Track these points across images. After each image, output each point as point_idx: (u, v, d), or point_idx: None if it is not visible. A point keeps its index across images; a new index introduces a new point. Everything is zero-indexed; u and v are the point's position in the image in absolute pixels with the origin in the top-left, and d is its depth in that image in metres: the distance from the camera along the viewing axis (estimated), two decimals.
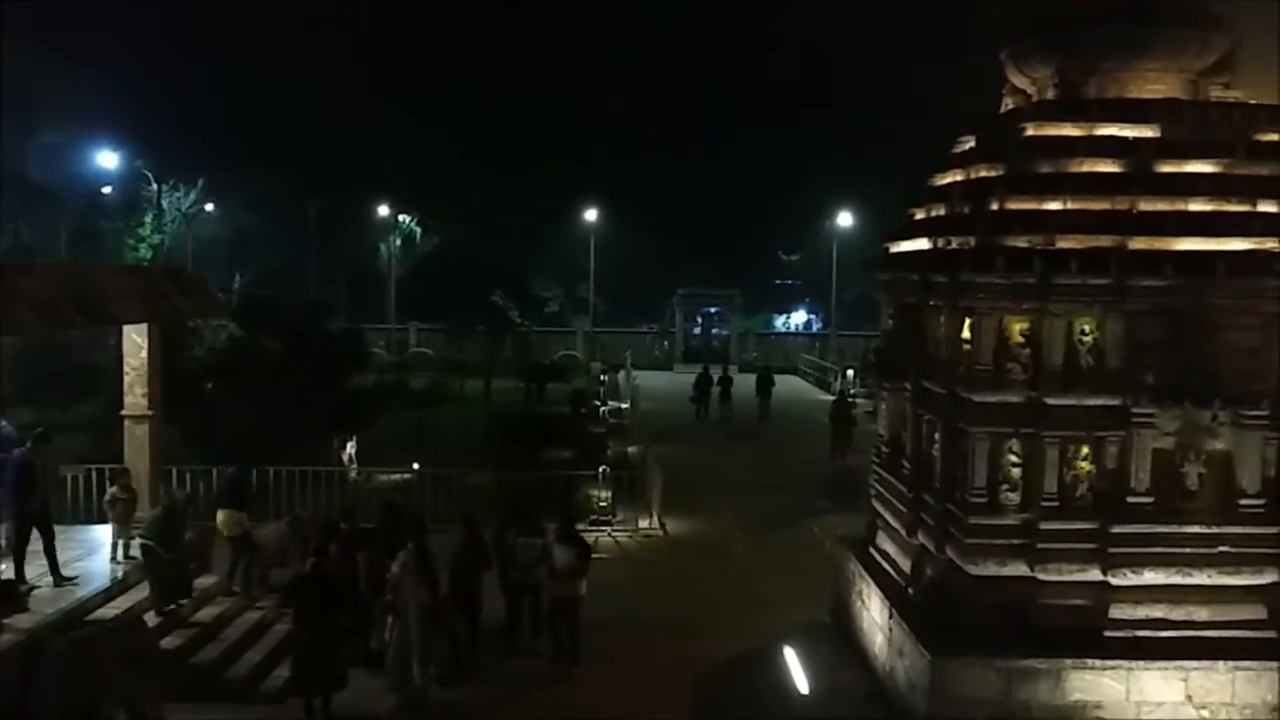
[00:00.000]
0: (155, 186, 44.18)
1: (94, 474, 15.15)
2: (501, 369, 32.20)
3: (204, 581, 12.73)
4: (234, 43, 50.83)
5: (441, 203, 51.14)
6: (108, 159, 42.29)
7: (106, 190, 44.11)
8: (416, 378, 33.42)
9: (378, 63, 54.03)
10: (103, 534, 12.73)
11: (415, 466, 18.54)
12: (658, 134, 58.19)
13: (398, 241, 52.81)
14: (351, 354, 25.11)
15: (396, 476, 19.02)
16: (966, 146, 12.10)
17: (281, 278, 48.18)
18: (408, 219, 53.85)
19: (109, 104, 41.36)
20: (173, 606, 11.72)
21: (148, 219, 43.24)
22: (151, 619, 11.28)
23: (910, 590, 11.33)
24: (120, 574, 11.96)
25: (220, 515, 13.06)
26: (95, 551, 12.53)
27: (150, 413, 13.53)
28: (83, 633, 9.96)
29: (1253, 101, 10.95)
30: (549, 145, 55.27)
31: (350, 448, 20.10)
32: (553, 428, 23.86)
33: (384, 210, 52.09)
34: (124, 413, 13.63)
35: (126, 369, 13.53)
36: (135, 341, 13.44)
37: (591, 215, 50.11)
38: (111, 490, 12.68)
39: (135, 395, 13.52)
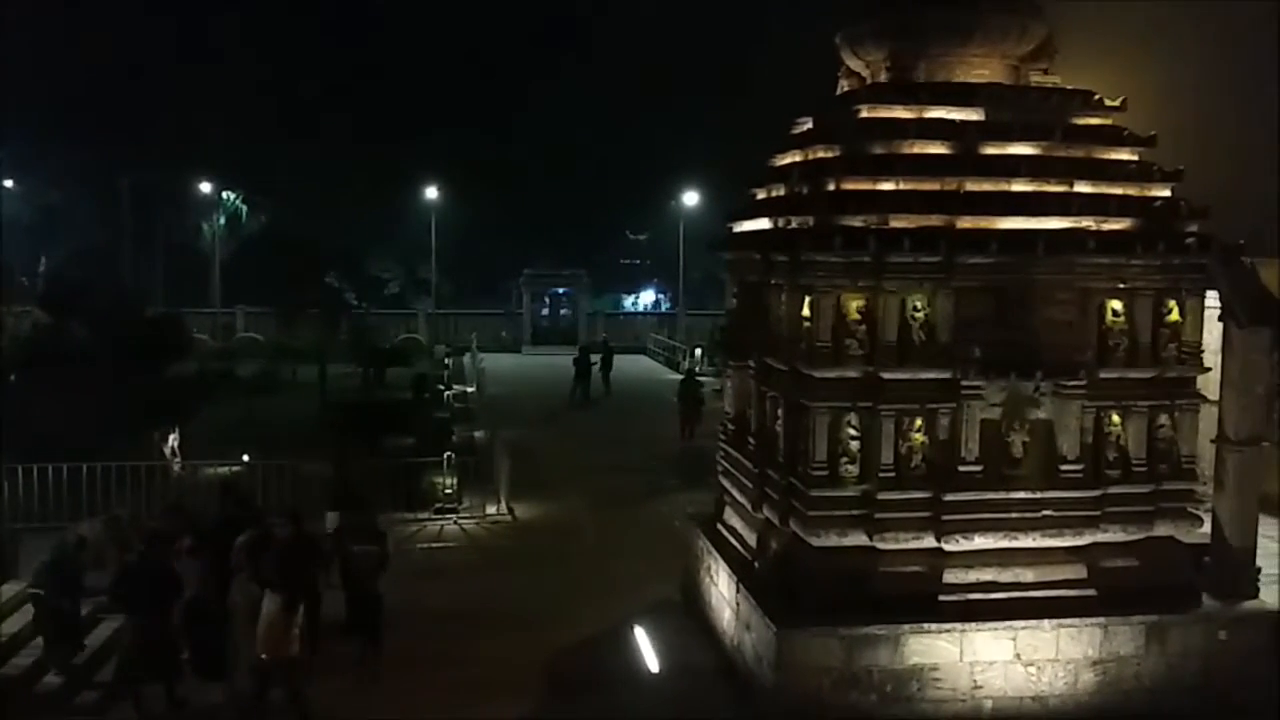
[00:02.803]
0: None
1: None
2: (337, 354, 31.07)
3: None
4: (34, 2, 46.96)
5: (269, 179, 48.82)
6: None
7: None
8: (245, 365, 31.89)
9: (196, 28, 50.97)
10: None
11: (245, 458, 17.64)
12: (499, 111, 57.27)
13: (221, 220, 50.13)
14: (171, 341, 23.72)
15: (225, 469, 18.06)
16: (804, 128, 12.29)
17: (93, 260, 44.90)
18: (232, 196, 51.18)
19: None
20: (73, 662, 10.87)
21: None
22: (51, 678, 10.56)
23: (756, 564, 11.50)
24: None
25: (331, 516, 13.75)
26: None
27: None
28: None
29: (1069, 87, 11.48)
30: (386, 119, 53.47)
31: (172, 440, 19.00)
32: (394, 414, 23.18)
33: (206, 187, 49.31)
34: None
35: None
36: None
37: (432, 193, 48.89)
38: None
39: None
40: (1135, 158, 11.18)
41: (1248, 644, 10.45)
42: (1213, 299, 10.95)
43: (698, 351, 35.96)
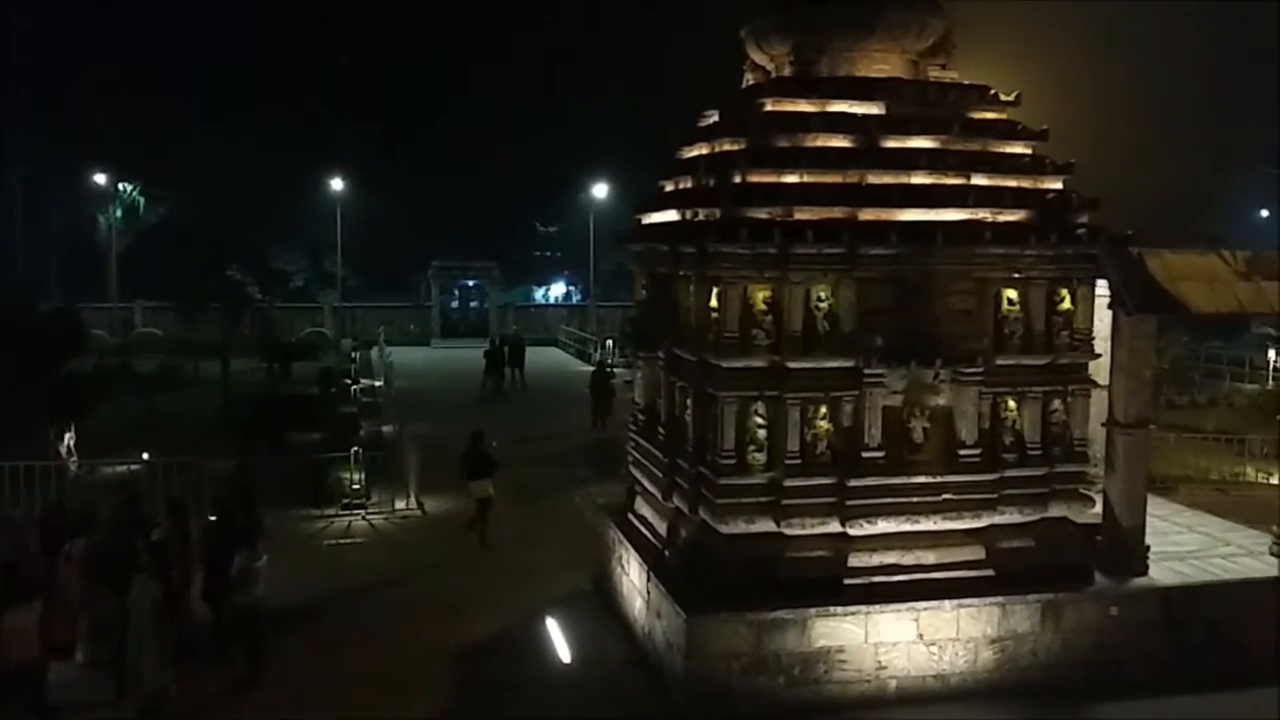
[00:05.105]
0: None
1: None
2: (241, 349, 30.25)
3: None
4: None
5: (167, 169, 47.22)
6: None
7: None
8: (144, 360, 30.81)
9: (93, 15, 49.00)
10: None
11: (145, 456, 17.09)
12: (407, 102, 56.38)
13: (118, 212, 48.29)
14: (66, 336, 22.84)
15: (123, 468, 17.48)
16: (711, 121, 12.38)
17: None
18: (129, 187, 49.32)
19: None
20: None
21: None
22: None
23: (666, 553, 11.58)
24: None
25: (474, 485, 15.86)
26: None
27: None
28: None
29: (966, 82, 11.79)
30: (288, 109, 52.16)
31: (68, 439, 18.31)
32: (299, 409, 22.70)
33: (101, 178, 47.45)
34: None
35: None
36: None
37: (338, 184, 47.91)
38: None
39: None
40: (1029, 151, 11.55)
41: (1138, 619, 10.91)
42: (1103, 288, 11.36)
43: (609, 343, 35.95)
